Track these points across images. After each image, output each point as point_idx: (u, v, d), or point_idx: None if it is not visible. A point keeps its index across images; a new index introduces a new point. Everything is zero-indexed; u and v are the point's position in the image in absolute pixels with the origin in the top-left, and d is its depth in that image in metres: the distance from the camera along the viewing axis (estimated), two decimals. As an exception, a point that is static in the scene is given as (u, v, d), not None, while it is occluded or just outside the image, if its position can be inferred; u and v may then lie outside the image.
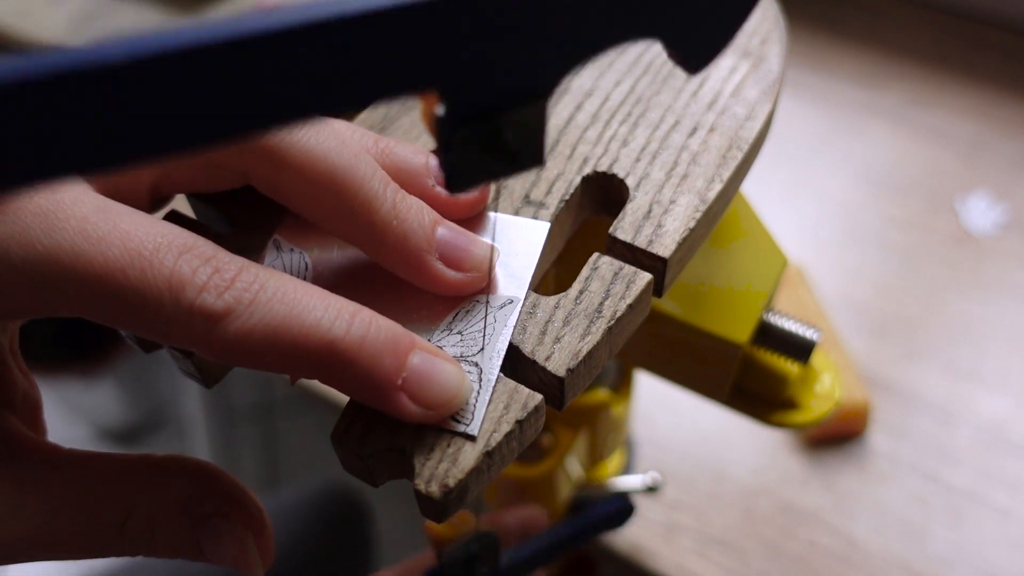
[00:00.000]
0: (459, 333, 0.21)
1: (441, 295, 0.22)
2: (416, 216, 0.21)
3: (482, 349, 0.21)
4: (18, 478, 0.20)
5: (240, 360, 0.18)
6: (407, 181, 0.22)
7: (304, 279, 0.23)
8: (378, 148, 0.23)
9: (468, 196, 0.23)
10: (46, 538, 0.20)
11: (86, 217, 0.18)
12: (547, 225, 0.23)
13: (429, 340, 0.21)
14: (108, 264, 0.18)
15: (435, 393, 0.19)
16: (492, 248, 0.22)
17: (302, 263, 0.23)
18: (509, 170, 0.16)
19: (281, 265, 0.23)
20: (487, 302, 0.22)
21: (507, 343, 0.21)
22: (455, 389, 0.20)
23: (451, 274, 0.21)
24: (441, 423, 0.20)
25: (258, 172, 0.21)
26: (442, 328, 0.22)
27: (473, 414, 0.20)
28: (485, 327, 0.21)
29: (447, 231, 0.22)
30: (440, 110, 0.14)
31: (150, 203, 0.22)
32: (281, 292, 0.18)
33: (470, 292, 0.22)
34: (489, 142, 0.15)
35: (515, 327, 0.21)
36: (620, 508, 0.33)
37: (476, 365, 0.21)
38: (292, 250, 0.23)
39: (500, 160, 0.15)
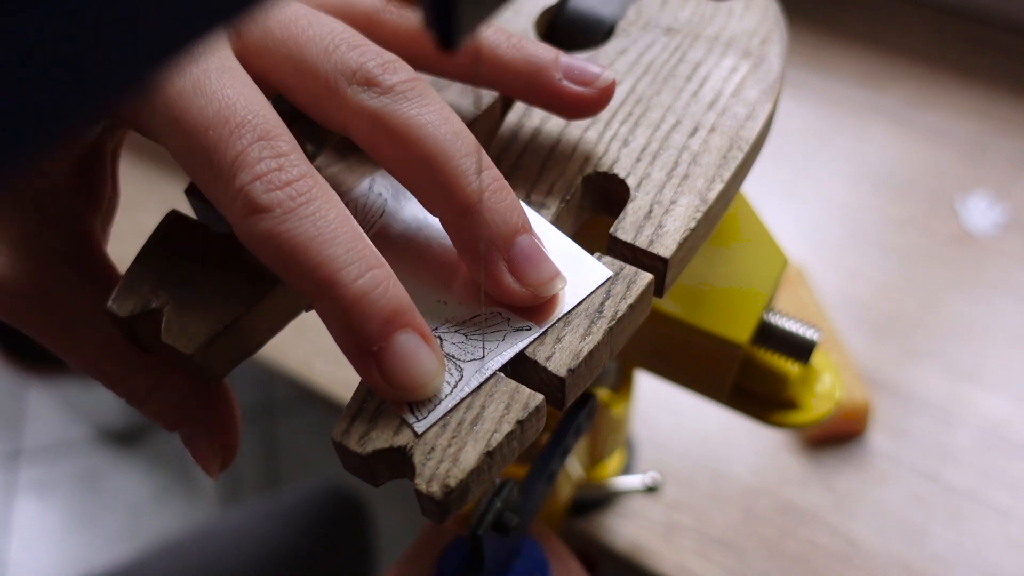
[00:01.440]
0: (464, 335, 0.21)
1: (472, 295, 0.22)
2: (504, 211, 0.21)
3: (475, 360, 0.21)
4: (77, 283, 0.22)
5: (258, 253, 0.20)
6: (534, 75, 0.23)
7: (374, 223, 0.24)
8: (510, 43, 0.24)
9: (591, 92, 0.24)
10: (70, 338, 0.22)
11: (207, 70, 0.20)
12: (610, 274, 0.22)
13: (436, 328, 0.22)
14: (199, 119, 0.19)
15: (402, 375, 0.20)
16: (561, 278, 0.22)
17: (382, 210, 0.24)
18: None
19: (365, 202, 0.24)
20: (507, 320, 0.22)
21: (500, 365, 0.21)
22: (423, 380, 0.20)
23: (509, 280, 0.21)
24: (396, 406, 0.20)
25: (356, 131, 0.22)
26: (455, 323, 0.22)
27: (429, 414, 0.20)
28: (485, 341, 0.21)
29: (528, 242, 0.21)
30: None
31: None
32: (320, 214, 0.19)
33: (519, 304, 0.22)
34: None
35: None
36: (589, 404, 0.33)
37: (460, 371, 0.21)
38: (380, 194, 0.24)
39: None
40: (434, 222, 0.23)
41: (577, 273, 0.22)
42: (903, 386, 0.54)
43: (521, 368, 0.21)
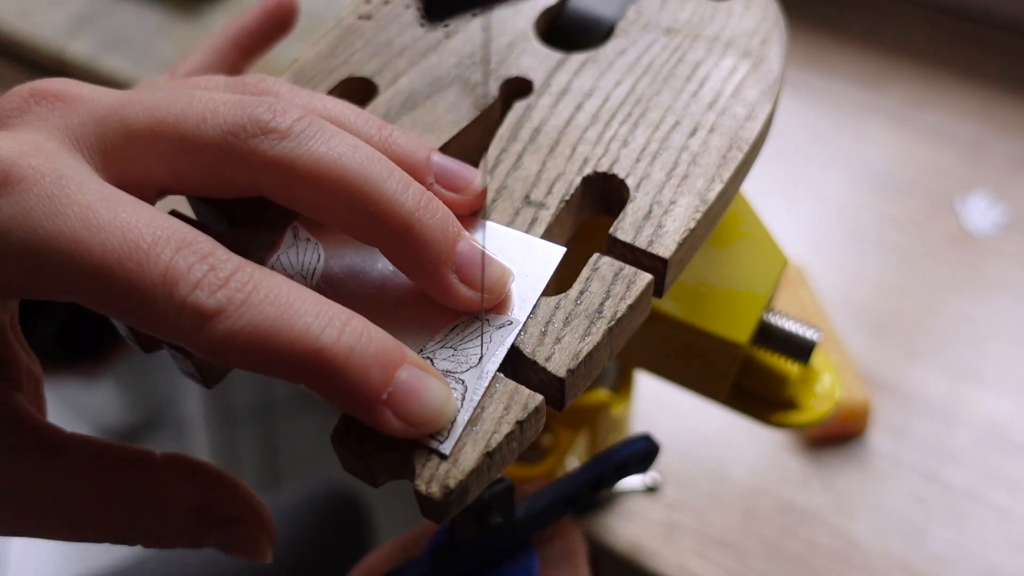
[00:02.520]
0: (452, 348, 0.21)
1: (443, 307, 0.22)
2: (440, 225, 0.21)
3: (472, 368, 0.21)
4: (27, 462, 0.20)
5: (228, 360, 0.18)
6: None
7: (314, 270, 0.23)
8: (381, 135, 0.23)
9: (465, 198, 0.23)
10: (49, 523, 0.20)
11: (89, 204, 0.18)
12: (563, 250, 0.23)
13: (422, 350, 0.21)
14: (106, 254, 0.18)
15: (419, 411, 0.19)
16: (508, 272, 0.22)
17: (316, 254, 0.23)
18: None
19: (295, 253, 0.23)
20: (487, 320, 0.22)
21: (498, 365, 0.21)
22: (440, 408, 0.19)
23: (464, 290, 0.21)
24: (419, 439, 0.20)
25: (270, 185, 0.21)
26: (437, 340, 0.21)
27: (449, 433, 0.20)
28: (481, 345, 0.21)
29: (467, 246, 0.21)
30: None
31: (156, 200, 0.22)
32: (274, 295, 0.18)
33: (477, 310, 0.22)
34: None
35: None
36: (645, 449, 0.31)
37: (463, 383, 0.21)
38: (308, 239, 0.23)
39: None
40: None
41: (534, 259, 0.22)
42: (903, 386, 0.54)
43: (520, 368, 0.21)
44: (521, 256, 0.22)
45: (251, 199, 0.24)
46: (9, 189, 0.18)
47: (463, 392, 0.20)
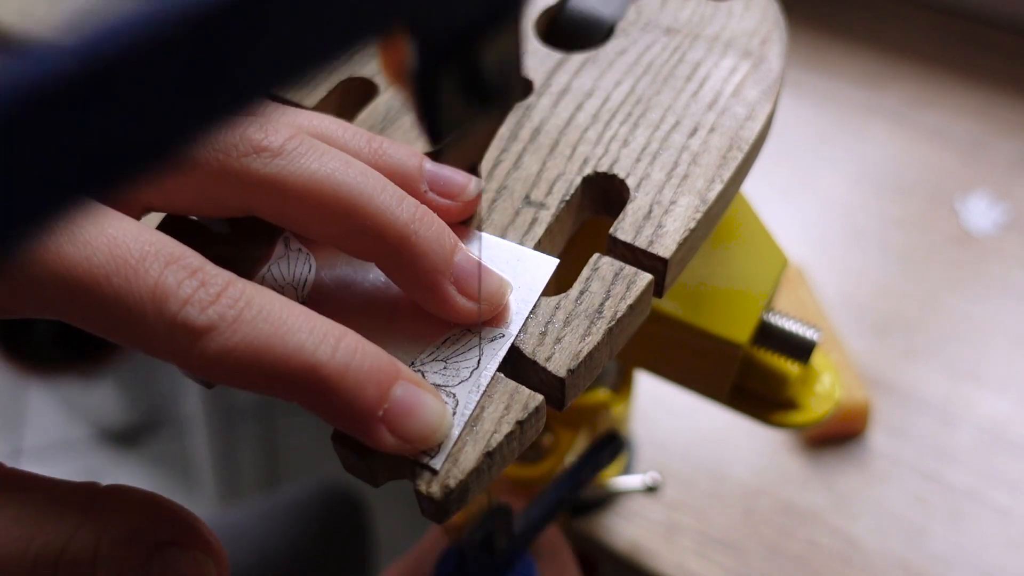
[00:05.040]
0: (443, 361, 0.21)
1: (435, 319, 0.22)
2: (436, 237, 0.21)
3: (463, 381, 0.21)
4: None
5: (221, 378, 0.18)
6: (399, 185, 0.22)
7: (306, 280, 0.23)
8: (371, 148, 0.23)
9: (458, 204, 0.23)
10: None
11: (74, 219, 0.18)
12: (556, 262, 0.22)
13: (413, 363, 0.21)
14: (92, 270, 0.17)
15: (415, 428, 0.19)
16: (505, 283, 0.22)
17: (307, 264, 0.23)
18: (490, 107, 0.15)
19: (287, 264, 0.23)
20: (479, 333, 0.22)
21: (490, 378, 0.21)
22: (436, 424, 0.19)
23: (462, 302, 0.21)
24: (412, 455, 0.20)
25: (262, 204, 0.21)
26: (428, 352, 0.21)
27: (441, 448, 0.20)
28: (477, 358, 0.21)
29: (465, 258, 0.21)
30: (413, 54, 0.13)
31: (140, 217, 0.22)
32: (266, 311, 0.18)
33: (476, 322, 0.22)
34: (468, 78, 0.14)
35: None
36: (611, 445, 0.34)
37: (454, 396, 0.21)
38: (300, 249, 0.23)
39: (480, 98, 0.15)
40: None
41: (527, 271, 0.22)
42: (903, 386, 0.54)
43: (520, 368, 0.21)
44: (513, 268, 0.22)
45: None
46: None
47: (455, 406, 0.20)
